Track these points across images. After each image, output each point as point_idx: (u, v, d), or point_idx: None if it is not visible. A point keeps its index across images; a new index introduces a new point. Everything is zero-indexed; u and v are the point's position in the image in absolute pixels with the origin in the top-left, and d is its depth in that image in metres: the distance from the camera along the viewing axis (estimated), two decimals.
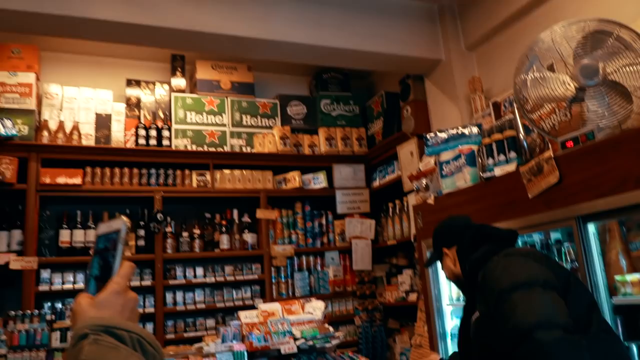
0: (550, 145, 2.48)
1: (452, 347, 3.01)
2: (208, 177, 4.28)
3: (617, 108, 2.17)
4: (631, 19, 2.49)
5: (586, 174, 2.08)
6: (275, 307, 2.81)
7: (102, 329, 0.74)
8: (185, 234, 4.20)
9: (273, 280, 4.32)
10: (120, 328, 0.75)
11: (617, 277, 2.04)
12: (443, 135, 3.16)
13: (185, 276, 4.10)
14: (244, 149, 4.52)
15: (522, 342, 1.43)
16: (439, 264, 3.11)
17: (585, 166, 2.09)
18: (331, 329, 2.59)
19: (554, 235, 2.58)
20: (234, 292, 4.21)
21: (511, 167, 2.56)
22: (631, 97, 2.29)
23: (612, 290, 2.06)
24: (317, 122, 4.90)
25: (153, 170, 4.15)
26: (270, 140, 4.56)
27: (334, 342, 2.57)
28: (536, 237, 2.78)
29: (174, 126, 4.36)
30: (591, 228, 2.11)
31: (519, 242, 2.77)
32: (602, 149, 2.03)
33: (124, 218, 0.89)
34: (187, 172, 4.25)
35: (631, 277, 1.99)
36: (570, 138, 2.19)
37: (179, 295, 4.06)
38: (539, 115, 2.61)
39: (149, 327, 3.91)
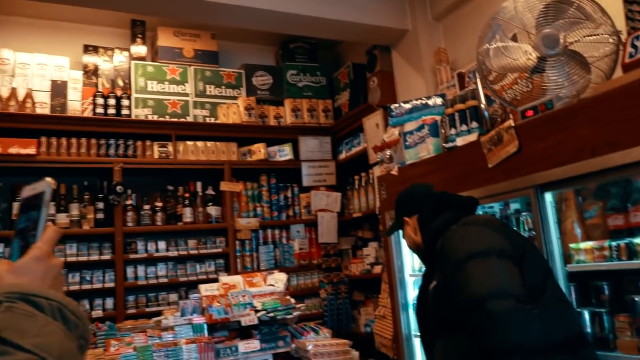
0: (511, 116, 2.49)
1: (414, 317, 3.05)
2: (170, 148, 4.17)
3: (576, 78, 2.18)
4: None
5: (544, 143, 2.09)
6: (236, 279, 2.79)
7: (18, 296, 0.69)
8: (146, 206, 4.11)
9: (237, 254, 4.28)
10: (38, 295, 0.70)
11: (572, 245, 2.08)
12: (407, 105, 3.15)
13: (146, 250, 4.03)
14: (207, 120, 4.42)
15: (474, 311, 1.44)
16: (401, 233, 3.15)
17: (543, 135, 2.10)
18: (293, 300, 2.59)
19: (514, 206, 2.62)
20: (198, 266, 4.16)
21: (473, 137, 2.56)
22: (590, 67, 2.31)
23: (567, 258, 2.10)
24: (283, 93, 4.82)
25: (112, 141, 4.02)
26: (234, 111, 4.47)
27: (296, 313, 2.57)
28: (496, 208, 2.81)
29: (134, 95, 4.22)
30: (548, 197, 2.14)
31: (480, 213, 2.81)
32: (559, 118, 2.04)
33: (49, 180, 0.83)
34: (148, 143, 4.13)
35: (585, 244, 2.03)
36: (530, 107, 2.20)
37: (141, 270, 3.99)
38: (501, 85, 2.61)
39: (109, 302, 3.84)
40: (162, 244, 4.07)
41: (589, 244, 2.01)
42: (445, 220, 1.82)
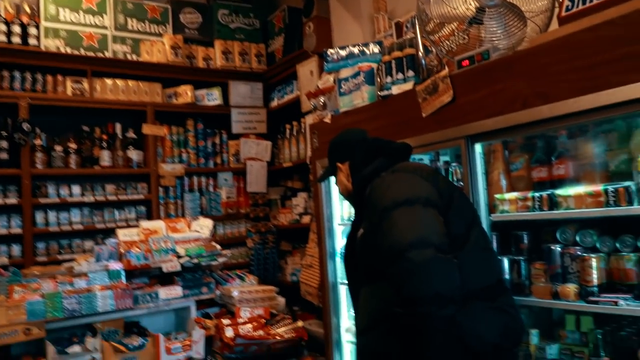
0: (447, 67, 2.48)
1: (340, 265, 3.08)
2: (85, 85, 3.84)
3: (514, 30, 2.19)
4: None
5: (479, 94, 2.10)
6: (158, 224, 2.67)
7: None
8: (58, 147, 3.79)
9: (161, 201, 4.11)
10: None
11: (497, 196, 2.14)
12: (343, 52, 3.06)
13: (59, 194, 3.75)
14: (129, 57, 4.10)
15: (395, 260, 1.44)
16: (333, 180, 3.12)
17: (477, 86, 2.10)
18: (218, 247, 2.52)
19: (443, 158, 2.66)
20: (117, 213, 3.95)
21: (408, 86, 2.53)
22: (526, 21, 2.32)
23: (492, 208, 2.17)
24: (214, 33, 4.56)
25: (17, 73, 3.63)
26: (159, 49, 4.17)
27: (221, 259, 2.50)
28: (426, 159, 2.85)
29: (44, 23, 3.81)
30: (478, 148, 2.17)
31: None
32: (495, 69, 2.05)
33: None
34: (59, 78, 3.77)
35: (509, 195, 2.09)
36: (467, 57, 2.19)
37: (52, 215, 3.72)
38: (438, 37, 2.59)
39: (16, 249, 3.57)
40: (76, 189, 3.80)
41: (513, 195, 2.07)
42: (376, 166, 1.79)
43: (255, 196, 4.55)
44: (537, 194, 1.98)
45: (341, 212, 3.17)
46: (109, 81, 3.93)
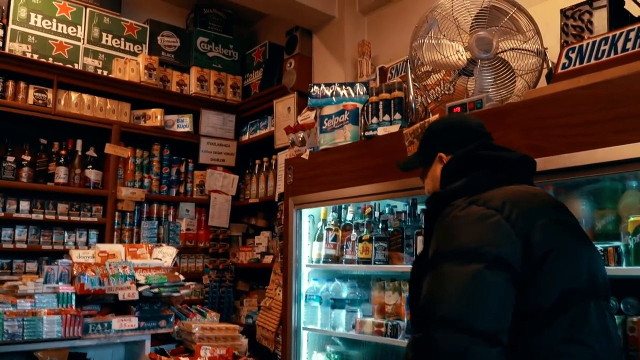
0: (431, 114, 2.52)
1: (305, 309, 2.96)
2: (50, 95, 3.66)
3: (507, 82, 2.26)
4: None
5: None
6: (116, 248, 2.50)
7: None
8: (10, 158, 3.56)
9: (116, 226, 3.90)
10: None
11: None
12: (328, 89, 3.07)
13: (5, 209, 3.48)
14: (99, 72, 3.97)
15: (420, 327, 1.17)
16: (305, 219, 3.01)
17: None
18: (181, 277, 2.37)
19: (422, 207, 2.65)
20: (66, 234, 3.70)
21: (394, 128, 2.55)
22: (515, 77, 2.40)
23: None
24: (191, 60, 4.51)
25: None
26: (133, 67, 4.07)
27: (184, 292, 2.35)
28: (401, 206, 2.84)
29: (11, 26, 3.65)
30: None
31: (385, 209, 2.81)
32: (487, 118, 2.05)
33: None
34: (22, 84, 3.59)
35: None
36: (459, 104, 2.22)
37: None
38: (423, 85, 2.64)
39: None
40: (24, 204, 3.55)
41: None
42: (465, 185, 1.33)
43: (216, 231, 4.39)
44: None
45: (310, 253, 3.08)
46: (75, 94, 3.77)
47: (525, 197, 1.27)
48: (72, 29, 3.91)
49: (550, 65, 2.23)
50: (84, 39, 3.96)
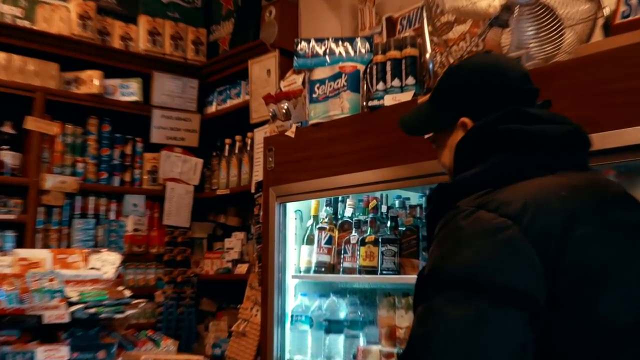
0: None
1: (290, 334, 2.99)
2: None
3: (552, 35, 2.26)
4: None
5: None
6: (41, 254, 2.55)
7: None
8: None
9: (39, 226, 3.92)
10: None
11: None
12: (320, 46, 3.08)
13: None
14: (19, 22, 3.99)
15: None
16: (290, 217, 3.05)
17: None
18: (127, 292, 2.40)
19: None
20: None
21: (406, 97, 2.57)
22: (563, 28, 2.42)
23: None
24: (138, 7, 4.56)
25: None
26: (62, 16, 4.11)
27: (129, 312, 2.39)
28: (415, 199, 2.86)
29: None
30: None
31: (395, 202, 2.83)
32: None
33: None
34: None
35: None
36: None
37: None
38: (444, 40, 2.66)
39: None
40: None
41: None
42: (487, 172, 1.23)
43: (173, 232, 4.45)
44: None
45: (297, 260, 3.11)
46: None
47: (561, 195, 1.14)
48: None
49: (607, 13, 2.25)
50: None
